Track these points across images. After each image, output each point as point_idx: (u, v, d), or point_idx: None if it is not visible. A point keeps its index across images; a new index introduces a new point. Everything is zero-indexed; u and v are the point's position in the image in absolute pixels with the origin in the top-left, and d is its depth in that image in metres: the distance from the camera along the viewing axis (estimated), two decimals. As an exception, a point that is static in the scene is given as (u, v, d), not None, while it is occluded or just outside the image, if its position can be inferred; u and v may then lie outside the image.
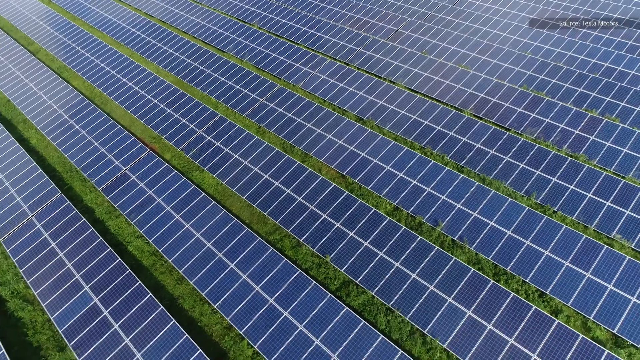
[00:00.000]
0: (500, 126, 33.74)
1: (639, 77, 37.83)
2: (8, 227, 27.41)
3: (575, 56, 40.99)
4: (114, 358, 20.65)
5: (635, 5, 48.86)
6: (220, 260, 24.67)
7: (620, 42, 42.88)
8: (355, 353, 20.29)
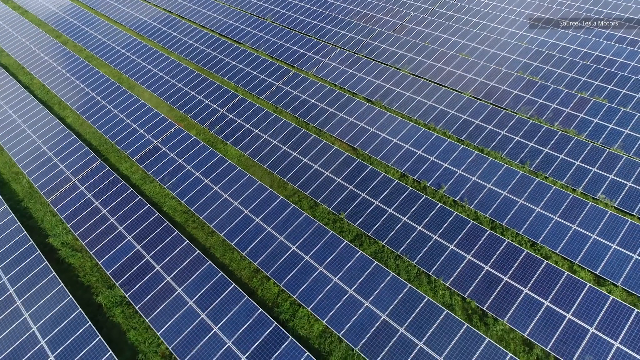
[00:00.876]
0: (497, 106, 36.79)
1: (625, 63, 40.97)
2: (54, 190, 30.47)
3: (568, 46, 44.17)
4: (157, 293, 23.61)
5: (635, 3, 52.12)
6: (246, 216, 27.68)
7: (610, 34, 46.08)
8: (369, 288, 23.24)
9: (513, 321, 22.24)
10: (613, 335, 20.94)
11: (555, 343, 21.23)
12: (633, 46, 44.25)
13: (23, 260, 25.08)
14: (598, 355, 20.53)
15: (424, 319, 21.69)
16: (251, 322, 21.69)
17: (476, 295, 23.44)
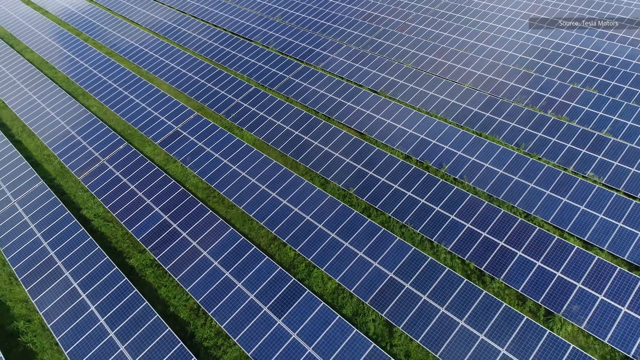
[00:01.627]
0: (494, 96, 39.33)
1: (615, 58, 43.60)
2: (83, 169, 32.95)
3: (561, 43, 46.86)
4: (184, 256, 26.00)
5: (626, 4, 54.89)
6: (263, 191, 30.11)
7: (601, 32, 48.78)
8: (377, 251, 25.61)
9: (508, 279, 24.58)
10: (598, 289, 23.28)
11: (546, 297, 23.56)
12: (623, 43, 46.92)
13: (61, 227, 27.50)
14: (584, 307, 22.85)
15: (428, 276, 24.04)
16: (271, 278, 24.05)
17: (475, 257, 25.80)
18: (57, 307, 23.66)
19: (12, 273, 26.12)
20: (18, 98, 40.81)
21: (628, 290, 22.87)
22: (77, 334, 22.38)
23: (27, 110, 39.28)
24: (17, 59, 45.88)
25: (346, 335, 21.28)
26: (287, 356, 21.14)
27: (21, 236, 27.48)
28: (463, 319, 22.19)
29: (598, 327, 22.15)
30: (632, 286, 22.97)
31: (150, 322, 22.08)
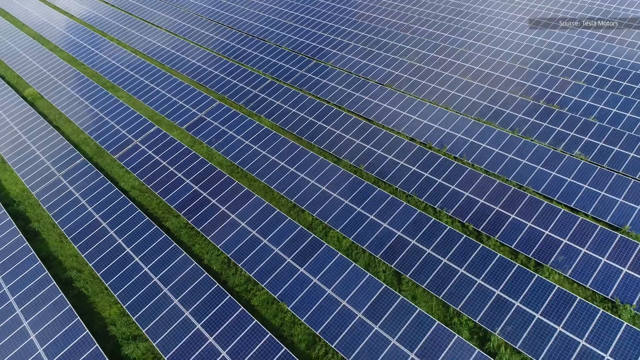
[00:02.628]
0: (491, 88, 42.82)
1: (604, 56, 47.23)
2: (118, 149, 36.37)
3: (553, 42, 50.57)
4: (214, 219, 29.24)
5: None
6: (282, 167, 33.47)
7: (591, 32, 52.52)
8: (386, 214, 28.83)
9: (502, 238, 27.78)
10: (581, 244, 26.45)
11: (535, 251, 26.72)
12: (611, 42, 50.59)
13: (103, 195, 30.80)
14: (569, 258, 26.01)
15: (432, 233, 27.25)
16: (293, 235, 27.27)
17: (473, 220, 29.03)
18: (104, 260, 26.88)
19: (62, 233, 29.38)
20: (53, 90, 44.43)
21: (608, 244, 26.04)
22: (124, 280, 25.57)
23: (62, 100, 42.86)
24: (49, 56, 49.63)
25: (360, 279, 24.44)
26: (309, 296, 24.29)
27: (68, 203, 30.81)
28: (463, 267, 25.36)
29: (581, 274, 25.30)
30: (611, 241, 26.15)
31: (189, 269, 25.28)
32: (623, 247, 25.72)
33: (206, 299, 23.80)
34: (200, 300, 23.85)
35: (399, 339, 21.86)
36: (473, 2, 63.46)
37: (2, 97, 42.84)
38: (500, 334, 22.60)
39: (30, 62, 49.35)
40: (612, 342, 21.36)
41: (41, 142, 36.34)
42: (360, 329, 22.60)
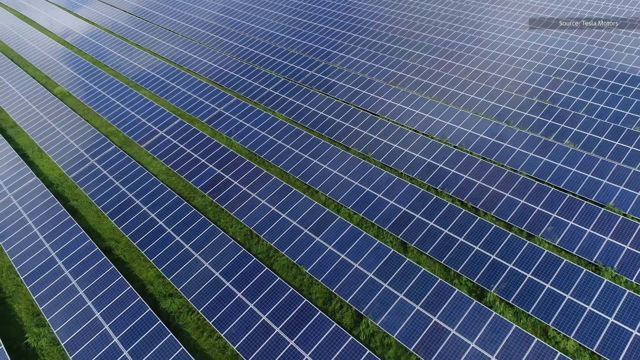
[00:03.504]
0: (488, 86, 46.17)
1: (593, 58, 50.66)
2: (145, 139, 39.56)
3: (546, 46, 54.02)
4: (237, 197, 32.26)
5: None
6: (297, 154, 36.59)
7: (583, 37, 56.04)
8: (393, 193, 31.86)
9: (498, 213, 30.75)
10: (569, 217, 29.41)
11: (528, 224, 29.68)
12: (601, 46, 54.05)
13: (135, 177, 33.92)
14: (558, 229, 28.97)
15: (434, 208, 30.25)
16: (309, 210, 30.28)
17: (471, 199, 32.03)
18: (139, 232, 29.86)
19: (99, 210, 32.40)
20: (80, 87, 47.85)
21: (592, 217, 29.01)
22: (158, 248, 28.51)
23: (90, 96, 46.24)
24: (75, 58, 53.14)
25: (371, 245, 27.41)
26: (325, 261, 27.24)
27: (103, 184, 33.90)
28: (462, 237, 28.32)
29: (568, 243, 28.24)
30: (595, 214, 29.11)
31: (217, 238, 28.27)
32: (606, 220, 28.69)
33: (233, 262, 26.75)
34: (228, 263, 26.80)
35: (406, 294, 24.76)
36: (472, 11, 67.18)
37: (34, 94, 46.21)
38: (495, 291, 25.49)
39: (58, 64, 52.87)
40: (594, 295, 24.23)
41: (74, 133, 39.57)
42: (372, 286, 25.51)
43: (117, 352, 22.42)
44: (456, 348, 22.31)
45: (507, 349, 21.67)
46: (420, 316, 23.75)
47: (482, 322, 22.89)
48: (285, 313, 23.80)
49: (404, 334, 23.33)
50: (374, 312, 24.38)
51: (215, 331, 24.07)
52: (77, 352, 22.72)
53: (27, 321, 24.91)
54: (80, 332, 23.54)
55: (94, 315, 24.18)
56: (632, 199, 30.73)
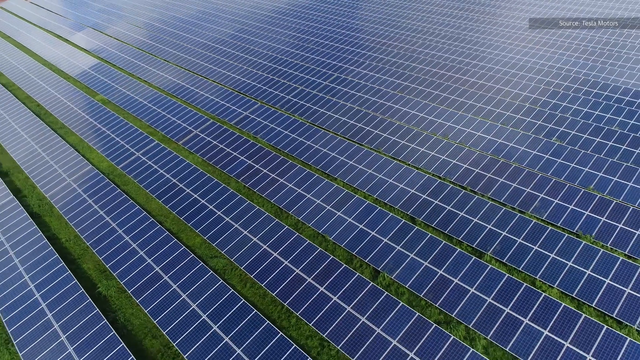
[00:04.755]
0: (486, 94, 51.60)
1: (588, 73, 56.31)
2: (182, 137, 44.84)
3: (538, 60, 59.81)
4: (266, 183, 37.25)
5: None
6: (316, 149, 41.72)
7: (578, 55, 61.83)
8: (401, 179, 36.83)
9: (493, 195, 35.63)
10: (554, 197, 34.25)
11: (519, 203, 34.51)
12: (595, 62, 59.74)
13: (178, 165, 38.95)
14: (544, 205, 33.77)
15: (438, 191, 35.11)
16: (330, 191, 35.15)
17: (470, 184, 36.93)
18: (184, 209, 34.73)
19: (148, 194, 37.36)
20: (119, 95, 53.46)
21: (574, 196, 33.83)
22: (203, 221, 33.35)
23: (128, 102, 51.79)
24: (113, 72, 59.01)
25: (385, 217, 32.16)
26: (346, 231, 31.96)
27: (149, 172, 38.94)
28: (462, 212, 33.11)
29: (554, 217, 33.00)
30: (577, 194, 33.92)
31: (253, 211, 33.12)
32: (587, 198, 33.51)
33: (268, 230, 31.53)
34: (263, 231, 31.58)
35: (416, 254, 29.43)
36: (470, 30, 73.37)
37: (77, 100, 51.77)
38: (491, 253, 30.14)
39: (97, 77, 58.70)
40: (574, 255, 28.87)
41: (119, 132, 44.89)
42: (386, 249, 30.19)
43: (176, 295, 27.03)
44: (459, 293, 26.91)
45: (502, 292, 26.26)
46: (428, 270, 28.40)
47: (480, 273, 27.54)
48: (314, 267, 28.48)
49: (414, 284, 27.95)
50: (389, 268, 29.04)
51: (256, 282, 28.71)
52: (143, 296, 27.33)
53: (96, 276, 29.58)
54: (143, 282, 28.18)
55: (154, 269, 28.86)
56: (610, 183, 35.62)
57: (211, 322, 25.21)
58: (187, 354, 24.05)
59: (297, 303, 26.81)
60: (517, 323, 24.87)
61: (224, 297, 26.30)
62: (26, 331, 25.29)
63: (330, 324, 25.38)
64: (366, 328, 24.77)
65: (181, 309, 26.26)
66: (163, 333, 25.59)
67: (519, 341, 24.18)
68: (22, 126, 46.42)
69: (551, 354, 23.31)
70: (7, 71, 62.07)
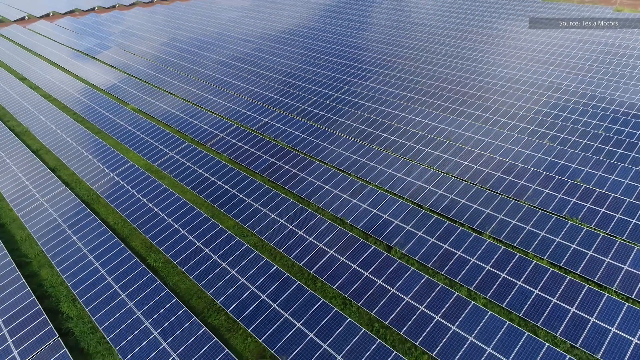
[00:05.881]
0: (489, 105, 56.62)
1: (587, 87, 61.49)
2: (210, 139, 49.64)
3: (538, 77, 65.14)
4: (289, 177, 41.84)
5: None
6: (332, 149, 46.47)
7: (584, 74, 67.23)
8: (396, 182, 41.43)
9: (492, 187, 40.14)
10: (545, 187, 38.77)
11: (514, 194, 38.99)
12: (592, 79, 64.97)
13: (210, 161, 43.65)
14: (536, 194, 38.25)
15: (441, 182, 39.68)
16: (347, 182, 39.73)
17: (471, 177, 41.50)
18: (212, 193, 39.26)
19: (183, 186, 41.95)
20: (147, 105, 58.58)
21: (563, 186, 38.33)
22: (235, 206, 37.82)
23: (157, 110, 56.82)
24: (142, 85, 64.34)
25: (395, 203, 36.63)
26: (362, 215, 36.39)
27: (183, 168, 43.60)
28: (453, 194, 37.58)
29: (544, 205, 37.43)
30: (563, 186, 38.44)
31: (279, 199, 37.57)
32: (574, 189, 38.00)
33: (294, 213, 35.92)
34: (290, 213, 35.95)
35: (424, 232, 33.80)
36: (469, 50, 79.08)
37: (110, 108, 56.83)
38: (490, 232, 34.47)
39: (125, 89, 64.02)
40: (561, 233, 33.21)
41: (152, 135, 49.74)
42: (397, 229, 34.56)
43: (217, 264, 31.29)
44: (462, 263, 31.17)
45: (498, 261, 30.50)
46: (434, 245, 32.72)
47: (479, 247, 31.81)
48: (335, 243, 32.79)
49: (422, 256, 32.24)
50: (400, 244, 33.37)
51: (285, 255, 33.01)
52: (188, 265, 31.61)
53: (144, 251, 33.87)
54: (187, 255, 32.49)
55: (195, 244, 33.18)
56: (594, 177, 40.19)
57: (249, 284, 29.43)
58: (230, 308, 28.20)
59: (321, 271, 31.06)
60: (512, 285, 29.06)
61: (259, 264, 30.59)
62: (91, 292, 29.49)
63: (351, 286, 29.59)
64: (382, 289, 28.96)
65: (221, 275, 30.50)
66: (207, 294, 29.79)
67: (513, 299, 28.35)
68: (63, 130, 51.31)
69: (541, 309, 27.44)
70: (43, 85, 67.43)
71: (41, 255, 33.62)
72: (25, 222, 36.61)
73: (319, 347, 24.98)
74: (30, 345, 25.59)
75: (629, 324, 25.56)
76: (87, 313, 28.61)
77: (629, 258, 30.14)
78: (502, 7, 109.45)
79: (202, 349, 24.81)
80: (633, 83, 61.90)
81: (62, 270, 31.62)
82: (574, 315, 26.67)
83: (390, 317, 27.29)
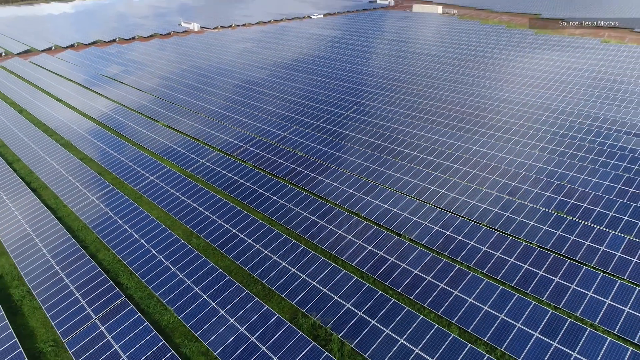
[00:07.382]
0: (491, 124, 62.75)
1: (590, 111, 67.78)
2: (234, 152, 55.53)
3: (536, 101, 71.60)
4: (307, 181, 47.47)
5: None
6: (345, 157, 52.29)
7: (594, 99, 73.69)
8: (403, 184, 47.09)
9: (489, 187, 45.67)
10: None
11: (510, 191, 44.48)
12: (595, 102, 71.30)
13: (238, 167, 49.34)
14: (531, 190, 43.69)
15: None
16: (359, 184, 45.29)
17: (470, 180, 47.10)
18: (246, 196, 44.75)
19: (215, 187, 47.52)
20: (178, 123, 64.79)
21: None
22: (262, 203, 43.27)
23: (189, 128, 63.01)
24: (174, 105, 70.83)
25: (403, 199, 42.09)
26: (375, 209, 41.80)
27: (217, 170, 49.28)
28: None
29: (534, 202, 42.84)
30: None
31: (301, 196, 43.10)
32: (559, 188, 43.46)
33: (315, 208, 41.33)
34: (311, 207, 41.36)
35: (429, 222, 39.15)
36: (467, 76, 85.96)
37: (144, 125, 63.00)
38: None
39: (159, 111, 70.46)
40: (547, 222, 38.50)
41: (185, 145, 55.65)
42: (405, 219, 39.92)
43: (251, 246, 36.46)
44: (462, 245, 36.35)
45: (496, 241, 35.67)
46: (437, 232, 37.97)
47: (477, 231, 37.04)
48: (352, 229, 38.06)
49: (427, 241, 37.46)
50: (409, 232, 38.64)
51: (309, 241, 38.22)
52: (227, 247, 36.79)
53: (185, 237, 39.14)
54: (225, 239, 37.71)
55: (231, 231, 38.45)
56: (578, 180, 45.73)
57: (280, 260, 34.57)
58: (265, 279, 33.29)
59: (342, 252, 36.20)
60: (505, 262, 34.16)
61: (288, 245, 35.80)
62: (145, 267, 34.60)
63: (376, 271, 34.68)
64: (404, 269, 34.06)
65: (256, 255, 35.68)
66: (245, 269, 34.90)
67: (507, 271, 33.40)
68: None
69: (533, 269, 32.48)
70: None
71: (97, 241, 38.86)
72: (79, 215, 42.02)
73: (334, 300, 29.97)
74: (101, 304, 30.59)
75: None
76: (143, 283, 33.66)
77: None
78: (497, 38, 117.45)
79: (244, 307, 29.76)
80: (624, 104, 68.09)
81: (118, 251, 36.82)
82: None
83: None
